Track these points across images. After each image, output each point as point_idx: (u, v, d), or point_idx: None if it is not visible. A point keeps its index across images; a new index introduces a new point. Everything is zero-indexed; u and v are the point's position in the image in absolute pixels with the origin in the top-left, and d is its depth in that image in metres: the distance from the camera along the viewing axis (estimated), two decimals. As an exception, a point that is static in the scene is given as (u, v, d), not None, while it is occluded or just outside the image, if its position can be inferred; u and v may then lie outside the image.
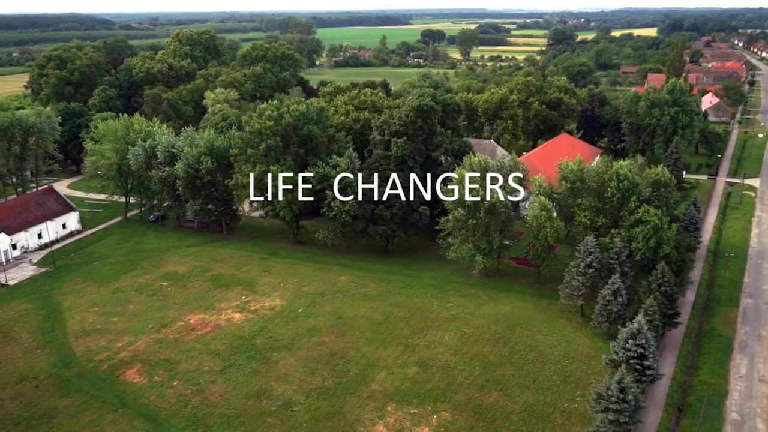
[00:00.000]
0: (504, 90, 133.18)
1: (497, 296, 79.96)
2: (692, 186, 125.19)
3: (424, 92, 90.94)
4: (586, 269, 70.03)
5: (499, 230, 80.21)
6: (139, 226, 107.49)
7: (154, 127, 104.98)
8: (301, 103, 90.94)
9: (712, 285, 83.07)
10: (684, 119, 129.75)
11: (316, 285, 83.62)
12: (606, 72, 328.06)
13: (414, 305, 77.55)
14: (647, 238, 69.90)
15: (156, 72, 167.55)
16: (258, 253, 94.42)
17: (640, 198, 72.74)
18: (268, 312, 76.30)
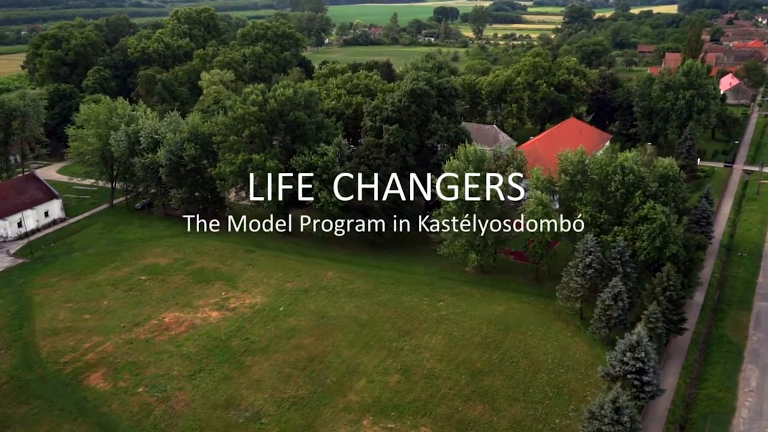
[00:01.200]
0: (509, 72, 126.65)
1: (491, 295, 75.17)
2: (707, 174, 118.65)
3: (419, 75, 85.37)
4: (586, 270, 64.92)
5: (495, 225, 75.02)
6: (124, 215, 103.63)
7: (138, 111, 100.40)
8: (288, 87, 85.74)
9: (724, 285, 77.52)
10: (700, 103, 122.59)
11: (301, 280, 79.33)
12: (622, 51, 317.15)
13: (402, 304, 73.05)
14: (653, 237, 64.50)
15: (152, 52, 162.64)
16: (244, 245, 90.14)
17: (646, 193, 67.15)
18: (247, 310, 72.22)
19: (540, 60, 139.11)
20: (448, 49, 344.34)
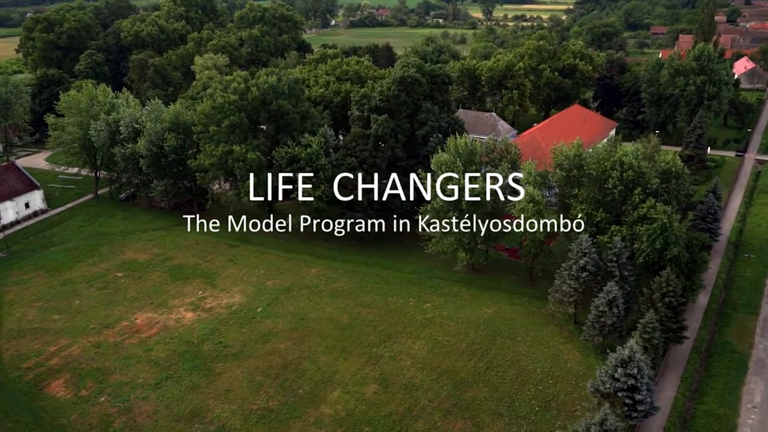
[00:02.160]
0: (510, 56, 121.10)
1: (482, 296, 71.17)
2: (717, 164, 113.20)
3: (409, 62, 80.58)
4: (579, 272, 60.63)
5: (486, 222, 70.72)
6: (108, 206, 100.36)
7: (120, 99, 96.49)
8: (272, 74, 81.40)
9: (730, 286, 72.94)
10: (711, 89, 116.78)
11: (283, 278, 75.74)
12: (635, 33, 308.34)
13: (386, 306, 69.28)
14: (652, 239, 59.97)
15: (145, 35, 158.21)
16: (227, 239, 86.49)
17: (647, 190, 62.47)
18: (223, 311, 68.80)
19: (544, 43, 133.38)
20: (455, 31, 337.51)
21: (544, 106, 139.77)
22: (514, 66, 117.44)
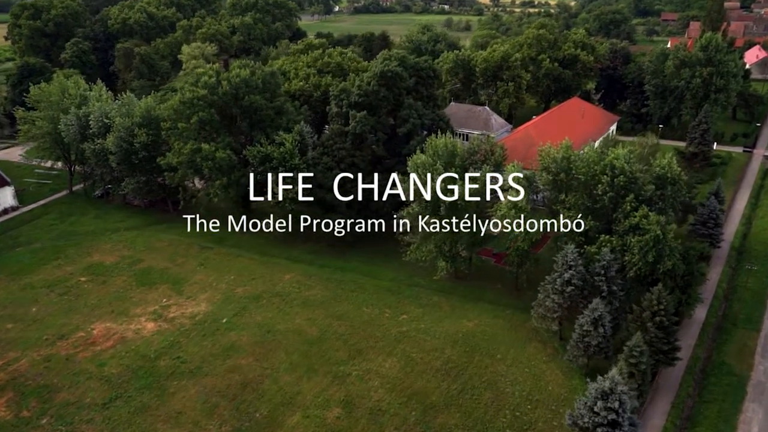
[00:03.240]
0: (506, 47, 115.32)
1: (463, 307, 66.61)
2: (722, 161, 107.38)
3: (391, 55, 75.49)
4: (564, 287, 55.87)
5: (469, 226, 65.93)
6: (82, 203, 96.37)
7: (92, 92, 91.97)
8: (245, 67, 76.64)
9: (731, 298, 67.92)
10: (718, 82, 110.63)
11: (254, 285, 71.52)
12: (644, 19, 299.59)
13: (360, 317, 64.92)
14: (644, 252, 55.04)
15: (133, 23, 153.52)
16: (201, 240, 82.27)
17: (640, 198, 57.43)
18: (186, 321, 64.72)
19: (544, 32, 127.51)
20: (460, 17, 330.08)
21: (544, 98, 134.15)
22: (511, 57, 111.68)
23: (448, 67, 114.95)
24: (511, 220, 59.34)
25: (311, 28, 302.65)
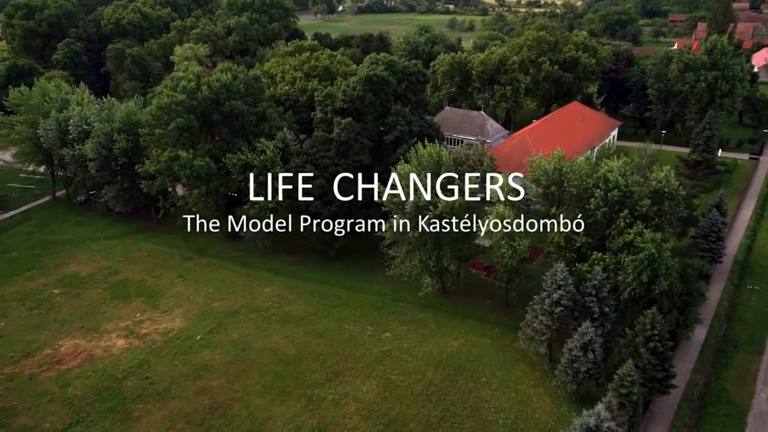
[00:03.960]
0: (503, 49, 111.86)
1: (449, 324, 63.37)
2: (727, 169, 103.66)
3: (377, 59, 72.33)
4: (553, 307, 52.58)
5: (456, 242, 62.81)
6: (63, 209, 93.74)
7: (73, 96, 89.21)
8: (226, 71, 73.69)
9: (733, 317, 64.36)
10: (724, 86, 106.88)
11: (233, 299, 68.59)
12: (651, 20, 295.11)
13: (341, 335, 61.84)
14: (638, 271, 51.66)
15: (126, 23, 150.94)
16: (182, 250, 79.65)
17: (635, 213, 54.01)
18: (159, 338, 61.85)
19: (544, 34, 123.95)
20: (464, 17, 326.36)
21: (545, 102, 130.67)
22: (508, 60, 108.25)
23: (444, 70, 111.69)
24: (498, 237, 56.07)
25: (313, 28, 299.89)
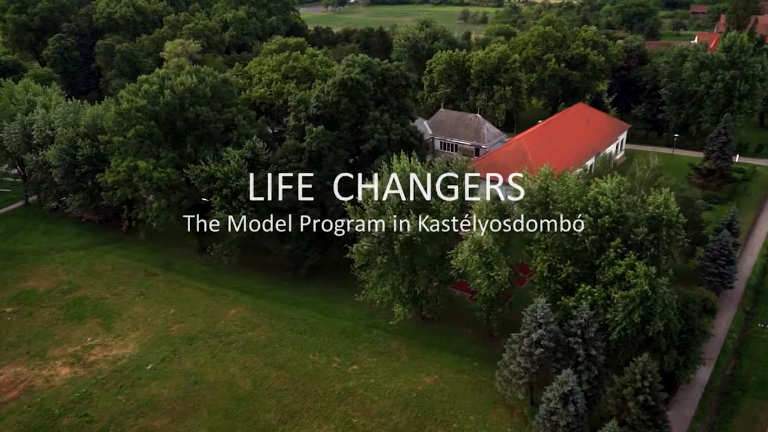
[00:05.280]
0: (504, 47, 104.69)
1: (424, 356, 57.53)
2: (745, 177, 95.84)
3: (354, 61, 66.24)
4: (532, 348, 46.45)
5: (432, 267, 56.83)
6: (34, 216, 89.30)
7: (41, 97, 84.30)
8: (192, 74, 68.20)
9: (742, 353, 57.55)
10: (742, 87, 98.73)
11: (194, 321, 63.44)
12: (672, 12, 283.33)
13: (303, 367, 56.34)
14: (629, 310, 45.28)
15: (118, 18, 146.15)
16: (148, 265, 74.68)
17: (629, 242, 47.50)
18: (106, 367, 56.94)
19: (551, 30, 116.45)
20: (477, 9, 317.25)
21: (551, 101, 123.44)
22: (509, 58, 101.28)
23: (441, 69, 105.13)
24: (474, 266, 49.96)
25: (320, 20, 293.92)
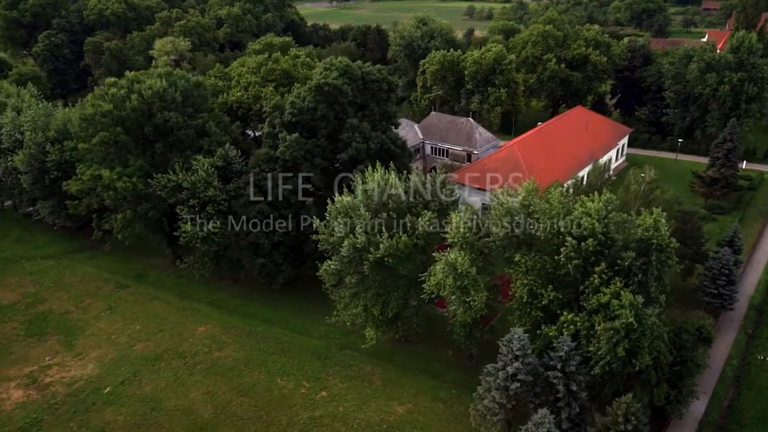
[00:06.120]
0: (499, 47, 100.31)
1: (398, 382, 53.89)
2: (751, 185, 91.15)
3: (332, 64, 62.40)
4: (508, 382, 42.69)
5: (407, 287, 53.08)
6: (9, 222, 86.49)
7: (12, 99, 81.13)
8: (162, 77, 64.69)
9: (742, 381, 53.41)
10: (751, 89, 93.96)
11: (160, 339, 60.14)
12: (684, 8, 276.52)
13: (270, 392, 52.89)
14: (613, 343, 41.35)
15: (109, 14, 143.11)
16: (120, 275, 71.59)
17: (615, 267, 43.51)
18: (61, 390, 53.78)
19: (551, 28, 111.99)
20: (483, 5, 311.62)
21: (552, 102, 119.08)
22: (504, 59, 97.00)
23: (434, 69, 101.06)
24: (448, 291, 46.16)
25: (324, 16, 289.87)
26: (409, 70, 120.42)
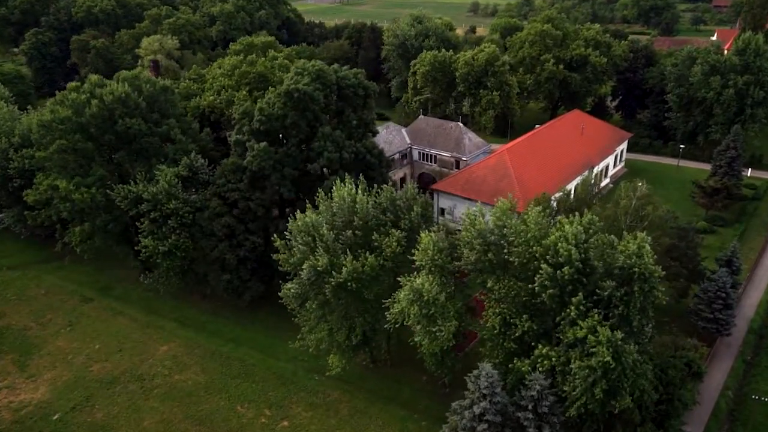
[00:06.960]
0: (493, 48, 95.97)
1: (366, 411, 50.29)
2: (756, 194, 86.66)
3: (304, 68, 58.65)
4: (474, 423, 38.99)
5: (374, 312, 49.30)
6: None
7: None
8: (125, 81, 61.20)
9: (738, 414, 49.36)
10: (757, 93, 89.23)
11: (118, 360, 56.84)
12: (693, 5, 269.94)
13: (227, 422, 49.45)
14: (590, 383, 37.48)
15: (98, 12, 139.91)
16: (86, 288, 68.40)
17: (595, 297, 39.56)
18: (8, 416, 50.61)
19: (549, 28, 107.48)
20: (487, 1, 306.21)
21: (550, 104, 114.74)
22: (497, 60, 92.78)
23: (425, 71, 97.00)
24: (414, 320, 42.42)
25: (327, 13, 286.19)
26: (402, 70, 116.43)
